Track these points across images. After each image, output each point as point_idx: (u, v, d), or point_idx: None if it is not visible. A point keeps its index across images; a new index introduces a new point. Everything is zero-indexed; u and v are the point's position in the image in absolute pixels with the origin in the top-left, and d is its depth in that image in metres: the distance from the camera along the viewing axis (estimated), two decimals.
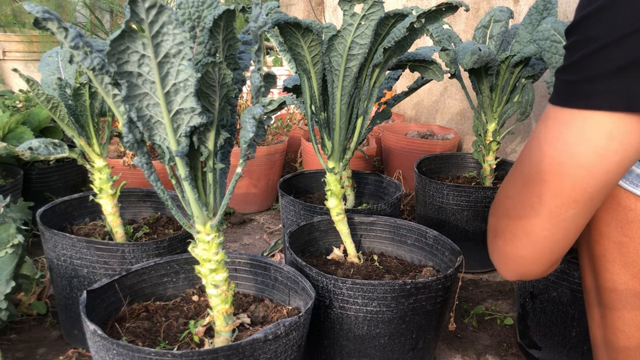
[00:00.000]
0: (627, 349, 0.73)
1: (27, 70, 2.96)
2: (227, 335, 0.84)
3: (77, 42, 0.65)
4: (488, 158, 1.62)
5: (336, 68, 1.05)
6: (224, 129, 0.77)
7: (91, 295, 0.87)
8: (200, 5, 0.73)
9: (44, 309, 1.30)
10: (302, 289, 0.94)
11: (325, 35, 1.04)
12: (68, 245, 1.09)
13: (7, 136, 1.70)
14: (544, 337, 1.19)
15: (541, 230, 0.61)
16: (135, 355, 0.74)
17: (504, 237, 0.65)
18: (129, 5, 0.61)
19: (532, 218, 0.61)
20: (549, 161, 0.57)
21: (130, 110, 0.69)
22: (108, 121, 1.18)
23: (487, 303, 1.47)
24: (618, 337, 0.74)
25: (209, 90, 0.72)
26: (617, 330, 0.74)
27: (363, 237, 1.29)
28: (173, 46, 0.65)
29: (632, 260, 0.67)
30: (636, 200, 0.63)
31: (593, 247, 0.72)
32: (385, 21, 1.02)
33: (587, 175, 0.56)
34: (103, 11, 3.12)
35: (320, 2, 3.71)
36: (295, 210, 1.39)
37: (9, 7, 3.08)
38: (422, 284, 0.98)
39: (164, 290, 1.01)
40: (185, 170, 0.74)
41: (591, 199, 0.59)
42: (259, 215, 2.06)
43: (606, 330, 0.76)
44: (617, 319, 0.73)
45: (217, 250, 0.81)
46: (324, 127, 1.13)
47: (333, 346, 1.04)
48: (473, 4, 2.24)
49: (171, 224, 1.33)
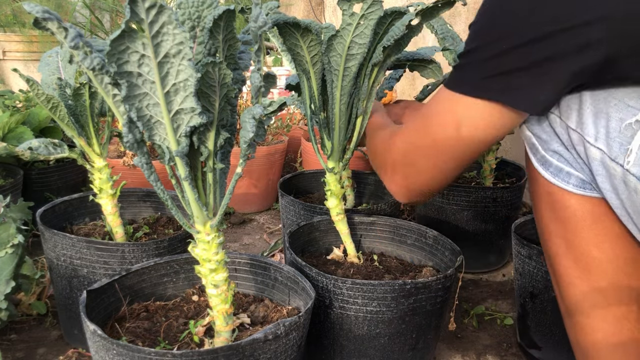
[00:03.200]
0: (594, 344, 0.76)
1: (27, 70, 2.96)
2: (227, 335, 0.84)
3: (77, 42, 0.66)
4: (488, 158, 1.62)
5: (335, 68, 1.06)
6: (224, 129, 0.78)
7: (91, 295, 0.87)
8: (200, 5, 0.73)
9: (44, 309, 1.30)
10: (302, 289, 0.94)
11: (325, 35, 1.04)
12: (68, 245, 1.09)
13: (7, 136, 1.70)
14: (544, 337, 1.19)
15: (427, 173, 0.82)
16: (135, 355, 0.74)
17: (403, 174, 0.85)
18: (129, 5, 0.61)
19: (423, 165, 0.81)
20: (439, 131, 0.76)
21: (130, 110, 0.69)
22: (108, 121, 1.18)
23: (487, 303, 1.47)
24: (586, 335, 0.77)
25: (209, 90, 0.72)
26: (582, 327, 0.78)
27: (363, 237, 1.29)
28: (173, 46, 0.65)
29: (579, 254, 0.74)
30: (570, 196, 0.73)
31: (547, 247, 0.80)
32: (383, 19, 1.02)
33: (459, 145, 0.75)
34: (103, 11, 3.12)
35: (320, 2, 3.71)
36: (295, 210, 1.39)
37: (9, 7, 3.08)
38: (422, 284, 0.98)
39: (164, 290, 1.01)
40: (185, 170, 0.74)
41: (457, 163, 0.78)
42: (259, 215, 2.07)
43: (574, 331, 0.79)
44: (580, 315, 0.77)
45: (217, 250, 0.81)
46: (323, 127, 1.13)
47: (333, 346, 1.04)
48: (473, 3, 2.24)
49: (171, 224, 1.33)
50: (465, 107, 0.72)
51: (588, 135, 0.66)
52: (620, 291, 0.73)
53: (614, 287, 0.73)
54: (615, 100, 0.64)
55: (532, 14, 0.62)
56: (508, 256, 1.69)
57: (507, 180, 1.71)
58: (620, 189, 0.66)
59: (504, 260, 1.69)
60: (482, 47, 0.68)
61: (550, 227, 0.77)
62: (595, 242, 0.73)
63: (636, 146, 0.63)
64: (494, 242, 1.62)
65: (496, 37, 0.66)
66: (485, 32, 0.68)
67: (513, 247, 1.26)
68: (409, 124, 0.87)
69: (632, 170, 0.63)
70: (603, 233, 0.72)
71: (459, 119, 0.73)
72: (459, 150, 0.76)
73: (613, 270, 0.72)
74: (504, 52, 0.65)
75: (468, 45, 0.70)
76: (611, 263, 0.72)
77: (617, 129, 0.64)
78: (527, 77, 0.66)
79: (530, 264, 1.18)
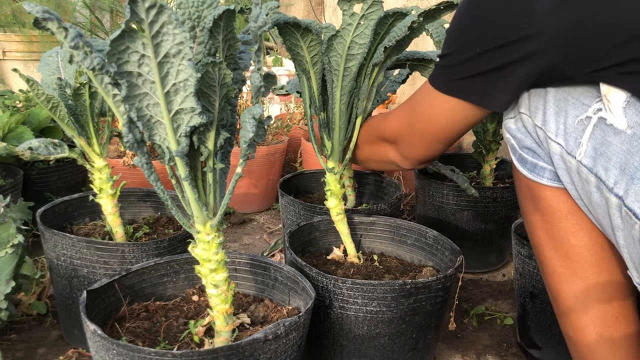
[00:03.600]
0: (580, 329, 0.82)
1: (27, 70, 2.96)
2: (227, 335, 0.84)
3: (77, 42, 0.66)
4: (488, 158, 1.62)
5: (335, 68, 1.06)
6: (224, 129, 0.78)
7: (91, 295, 0.87)
8: (200, 5, 0.73)
9: (44, 309, 1.30)
10: (302, 289, 0.94)
11: (325, 35, 1.04)
12: (68, 245, 1.09)
13: (7, 136, 1.70)
14: (544, 337, 1.19)
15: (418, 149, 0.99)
16: (135, 355, 0.74)
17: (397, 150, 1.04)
18: (129, 5, 0.61)
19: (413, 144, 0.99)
20: (424, 117, 0.92)
21: (130, 110, 0.69)
22: (108, 121, 1.18)
23: (487, 303, 1.47)
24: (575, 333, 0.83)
25: (209, 90, 0.72)
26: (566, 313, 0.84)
27: (363, 237, 1.29)
28: (173, 46, 0.65)
29: (559, 243, 0.81)
30: (545, 189, 0.80)
31: (532, 240, 0.87)
32: (384, 20, 1.02)
33: (443, 130, 0.91)
34: (103, 11, 3.12)
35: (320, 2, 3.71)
36: (295, 210, 1.39)
37: (9, 7, 3.08)
38: (422, 284, 0.98)
39: (164, 290, 1.01)
40: (185, 170, 0.74)
41: (443, 142, 0.94)
42: (259, 215, 2.07)
43: (567, 329, 0.85)
44: (563, 301, 0.84)
45: (217, 250, 0.81)
46: (323, 127, 1.13)
47: (333, 346, 1.04)
48: None
49: (171, 224, 1.33)
50: (443, 102, 0.86)
51: (550, 132, 0.75)
52: (600, 275, 0.79)
53: (594, 272, 0.79)
54: (573, 99, 0.73)
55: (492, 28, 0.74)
56: (508, 256, 1.69)
57: (507, 180, 1.71)
58: (576, 180, 0.74)
59: (504, 260, 1.69)
60: (455, 54, 0.80)
61: (532, 220, 0.85)
62: (572, 231, 0.79)
63: (586, 139, 0.71)
64: (494, 242, 1.62)
65: (465, 47, 0.78)
66: (457, 41, 0.80)
67: (513, 247, 1.26)
68: (401, 110, 1.02)
69: (584, 161, 0.71)
70: (578, 222, 0.78)
71: (439, 110, 0.88)
72: (440, 134, 0.92)
73: (592, 257, 0.79)
74: (470, 58, 0.77)
75: (444, 50, 0.83)
76: (589, 250, 0.79)
77: (573, 124, 0.72)
78: (489, 80, 0.77)
79: (530, 264, 1.18)
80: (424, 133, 0.94)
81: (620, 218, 0.68)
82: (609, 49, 0.66)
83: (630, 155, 0.66)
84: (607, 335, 0.79)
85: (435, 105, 0.88)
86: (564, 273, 0.81)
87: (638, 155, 0.65)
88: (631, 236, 0.67)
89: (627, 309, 0.80)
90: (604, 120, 0.69)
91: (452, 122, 0.88)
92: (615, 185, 0.67)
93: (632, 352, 0.79)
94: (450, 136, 0.92)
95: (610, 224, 0.71)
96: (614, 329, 0.79)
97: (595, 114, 0.70)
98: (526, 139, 0.80)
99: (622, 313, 0.79)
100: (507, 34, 0.72)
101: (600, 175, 0.69)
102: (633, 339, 0.79)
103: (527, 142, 0.80)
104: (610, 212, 0.69)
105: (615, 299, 0.79)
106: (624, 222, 0.68)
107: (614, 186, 0.67)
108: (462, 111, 0.85)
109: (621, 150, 0.67)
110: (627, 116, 0.66)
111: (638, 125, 0.66)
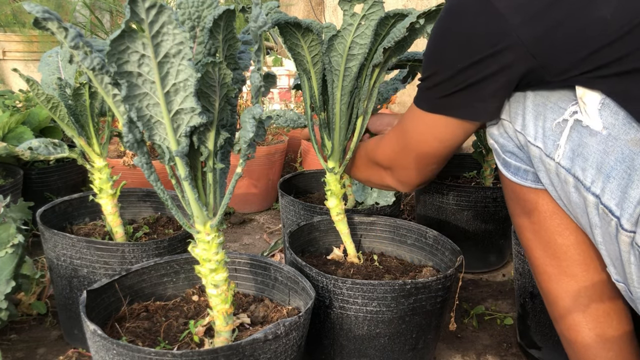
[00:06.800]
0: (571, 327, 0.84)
1: (27, 70, 2.96)
2: (227, 335, 0.84)
3: (77, 42, 0.66)
4: (488, 158, 1.62)
5: (336, 68, 1.06)
6: (224, 129, 0.78)
7: (91, 295, 0.87)
8: (200, 5, 0.73)
9: (44, 309, 1.30)
10: (302, 289, 0.94)
11: (325, 35, 1.04)
12: (68, 245, 1.09)
13: (7, 136, 1.70)
14: (544, 337, 1.19)
15: (413, 173, 0.99)
16: (135, 355, 0.74)
17: (393, 175, 1.03)
18: (129, 5, 0.61)
19: (408, 169, 0.99)
20: (414, 140, 0.93)
21: (130, 110, 0.69)
22: (108, 121, 1.18)
23: (487, 303, 1.47)
24: (569, 331, 0.85)
25: (209, 90, 0.72)
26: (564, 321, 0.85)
27: (363, 237, 1.29)
28: (173, 46, 0.65)
29: (546, 243, 0.83)
30: (529, 191, 0.82)
31: (522, 242, 0.89)
32: (385, 21, 1.02)
33: (434, 150, 0.91)
34: (103, 11, 3.12)
35: (320, 2, 3.71)
36: (295, 210, 1.39)
37: (9, 7, 3.08)
38: (422, 284, 0.98)
39: (164, 290, 1.01)
40: (185, 170, 0.74)
41: (437, 162, 0.95)
42: (259, 215, 2.07)
43: (560, 327, 0.87)
44: (553, 296, 0.85)
45: (217, 250, 0.81)
46: (323, 127, 1.13)
47: (333, 346, 1.04)
48: None
49: (171, 224, 1.33)
50: (430, 122, 0.88)
51: (529, 136, 0.77)
52: (589, 272, 0.81)
53: (582, 269, 0.81)
54: (551, 103, 0.75)
55: (468, 45, 0.77)
56: (508, 256, 1.69)
57: None
58: (555, 181, 0.76)
59: (504, 260, 1.69)
60: (435, 74, 0.82)
61: (520, 222, 0.87)
62: (559, 231, 0.81)
63: (564, 141, 0.73)
64: (494, 242, 1.62)
65: (444, 65, 0.81)
66: (436, 62, 0.83)
67: (513, 247, 1.26)
68: (391, 136, 1.03)
69: (562, 163, 0.73)
70: (563, 222, 0.81)
71: (427, 130, 0.89)
72: (432, 154, 0.93)
73: (579, 255, 0.81)
74: (451, 76, 0.79)
75: (425, 73, 0.85)
76: (576, 248, 0.81)
77: (551, 127, 0.74)
78: (472, 93, 0.79)
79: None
80: (417, 156, 0.95)
81: (598, 216, 0.70)
82: (583, 57, 0.69)
83: (606, 155, 0.68)
84: (599, 331, 0.80)
85: (423, 126, 0.90)
86: (554, 272, 0.83)
87: (613, 155, 0.68)
88: (608, 233, 0.70)
89: (618, 304, 0.81)
90: (580, 122, 0.71)
91: (441, 140, 0.89)
92: (592, 184, 0.70)
93: (625, 348, 0.81)
94: (442, 155, 0.93)
95: (588, 222, 0.73)
96: (606, 325, 0.80)
97: (571, 117, 0.72)
98: (508, 144, 0.82)
99: (613, 309, 0.81)
100: (485, 48, 0.74)
101: (578, 176, 0.71)
102: (625, 334, 0.81)
103: (509, 147, 0.82)
104: (588, 211, 0.72)
105: (605, 295, 0.80)
106: (601, 219, 0.70)
107: (591, 185, 0.70)
108: (450, 128, 0.86)
109: (597, 151, 0.69)
110: (603, 117, 0.69)
111: (613, 126, 0.68)
